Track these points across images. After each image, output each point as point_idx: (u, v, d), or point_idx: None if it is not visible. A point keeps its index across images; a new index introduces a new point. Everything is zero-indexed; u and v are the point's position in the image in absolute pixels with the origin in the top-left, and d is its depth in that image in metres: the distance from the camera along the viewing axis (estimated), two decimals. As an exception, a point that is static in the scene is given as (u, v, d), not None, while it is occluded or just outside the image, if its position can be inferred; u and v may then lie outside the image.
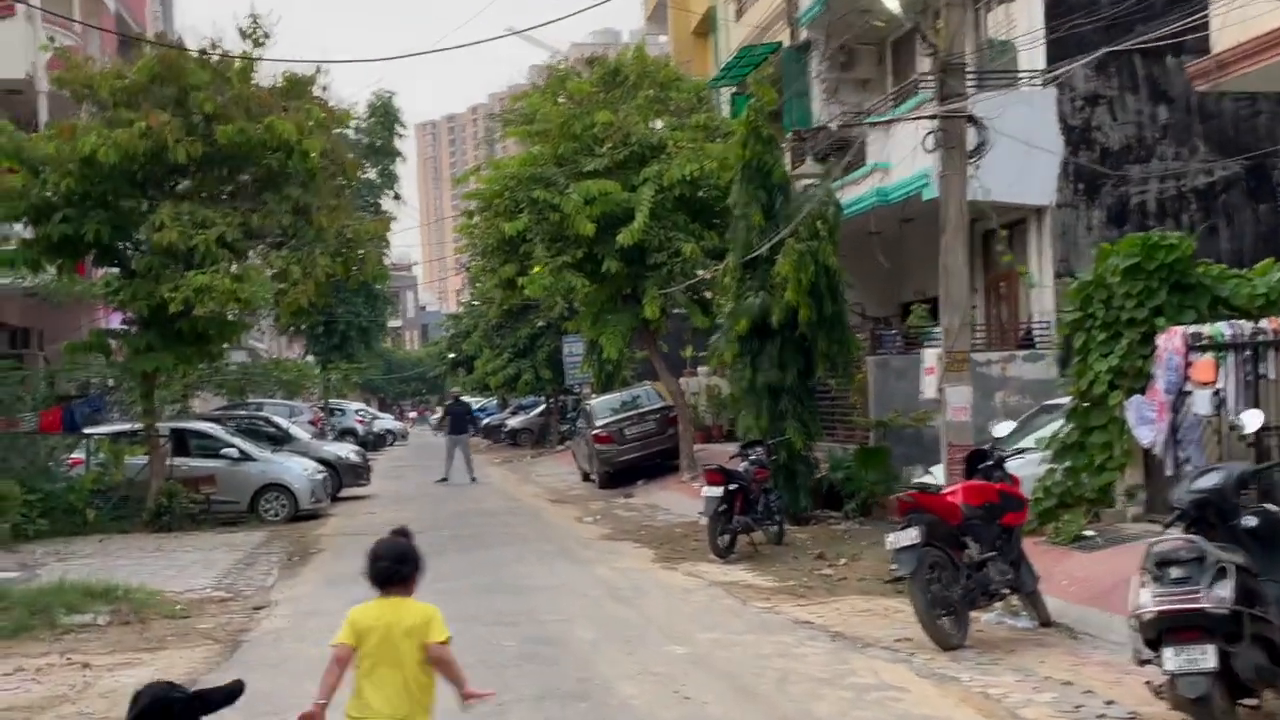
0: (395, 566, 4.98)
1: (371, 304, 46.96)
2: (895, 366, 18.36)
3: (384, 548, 5.06)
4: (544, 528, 18.77)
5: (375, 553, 5.04)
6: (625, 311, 22.76)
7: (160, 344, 17.82)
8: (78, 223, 17.12)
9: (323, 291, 18.31)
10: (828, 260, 15.90)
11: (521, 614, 11.12)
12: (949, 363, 12.78)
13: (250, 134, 16.88)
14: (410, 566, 5.00)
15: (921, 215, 19.91)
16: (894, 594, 11.75)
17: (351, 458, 25.37)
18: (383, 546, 5.07)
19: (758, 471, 15.50)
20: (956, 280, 12.81)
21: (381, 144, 45.28)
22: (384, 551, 5.03)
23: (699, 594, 12.11)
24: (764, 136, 16.81)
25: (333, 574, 14.44)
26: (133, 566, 14.54)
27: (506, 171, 21.96)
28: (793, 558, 14.46)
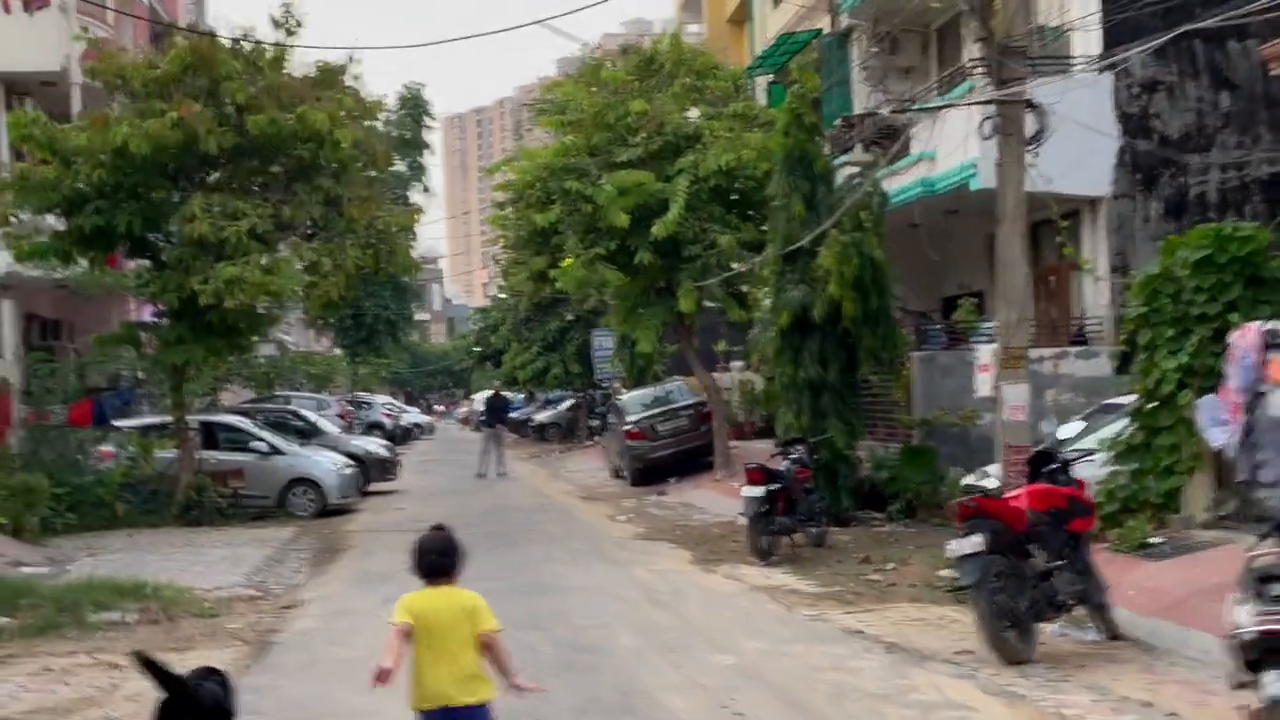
0: (440, 559, 5.30)
1: (399, 297, 46.81)
2: (941, 363, 17.85)
3: (428, 542, 5.36)
4: (576, 526, 18.36)
5: (420, 547, 5.35)
6: (659, 305, 22.30)
7: (190, 336, 17.52)
8: (109, 214, 16.84)
9: (353, 284, 17.96)
10: (873, 252, 15.42)
11: (557, 617, 10.71)
12: (1005, 359, 12.26)
13: (281, 124, 16.54)
14: (453, 558, 5.33)
15: (967, 207, 19.40)
16: (947, 601, 11.29)
17: (380, 452, 25.05)
18: (427, 541, 5.37)
19: (799, 471, 15.02)
20: (1013, 273, 12.29)
21: (411, 136, 45.10)
22: (429, 545, 5.34)
23: (741, 599, 11.67)
24: (806, 124, 16.34)
25: (362, 571, 14.09)
26: (161, 562, 14.23)
27: (539, 162, 21.54)
28: (836, 561, 13.98)
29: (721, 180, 20.96)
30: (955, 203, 19.17)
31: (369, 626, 10.51)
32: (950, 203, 19.13)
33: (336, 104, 17.02)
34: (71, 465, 17.41)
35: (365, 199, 17.59)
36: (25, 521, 15.11)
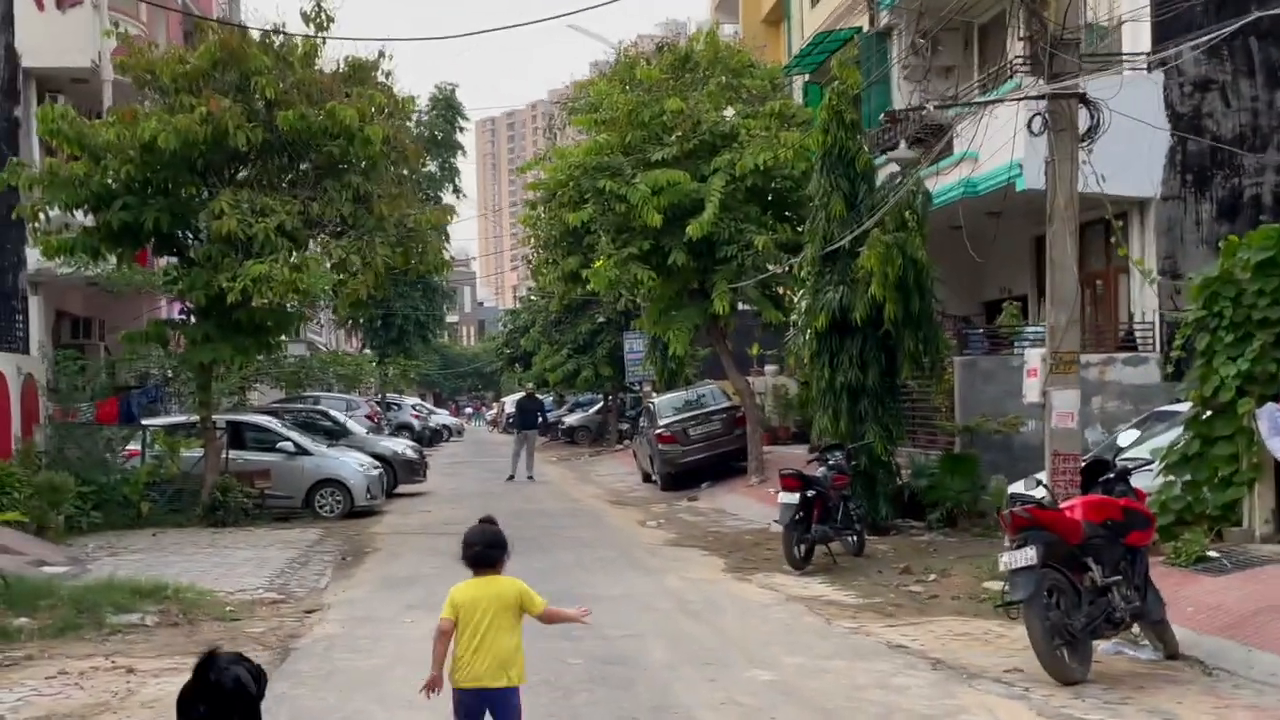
0: (487, 551, 5.61)
1: (429, 298, 46.62)
2: (983, 368, 17.38)
3: (476, 534, 5.67)
4: (606, 531, 17.99)
5: (469, 539, 5.65)
6: (692, 306, 21.93)
7: (218, 335, 17.28)
8: (137, 210, 16.63)
9: (382, 283, 17.67)
10: (916, 253, 14.99)
11: (587, 628, 10.27)
12: (1055, 364, 11.78)
13: (311, 120, 16.27)
14: (500, 550, 5.64)
15: (1010, 208, 18.91)
16: (992, 615, 10.84)
17: (408, 454, 24.77)
18: (475, 534, 5.68)
19: (836, 477, 14.61)
20: (1064, 274, 11.80)
21: (443, 137, 44.92)
22: (477, 538, 5.64)
23: (777, 610, 11.25)
24: (847, 122, 15.91)
25: (387, 575, 13.78)
26: (184, 563, 13.97)
27: (571, 160, 21.21)
28: (876, 571, 13.54)
29: (758, 180, 20.57)
30: (998, 204, 18.68)
31: (391, 634, 10.18)
32: (993, 204, 18.66)
33: (367, 100, 16.73)
34: (98, 463, 17.20)
35: (395, 196, 17.29)
36: (50, 520, 14.90)
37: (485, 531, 5.68)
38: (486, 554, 5.59)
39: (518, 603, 5.54)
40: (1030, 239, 21.54)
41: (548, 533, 17.57)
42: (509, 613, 5.50)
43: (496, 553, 5.61)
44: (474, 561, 5.62)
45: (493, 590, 5.52)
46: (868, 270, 15.06)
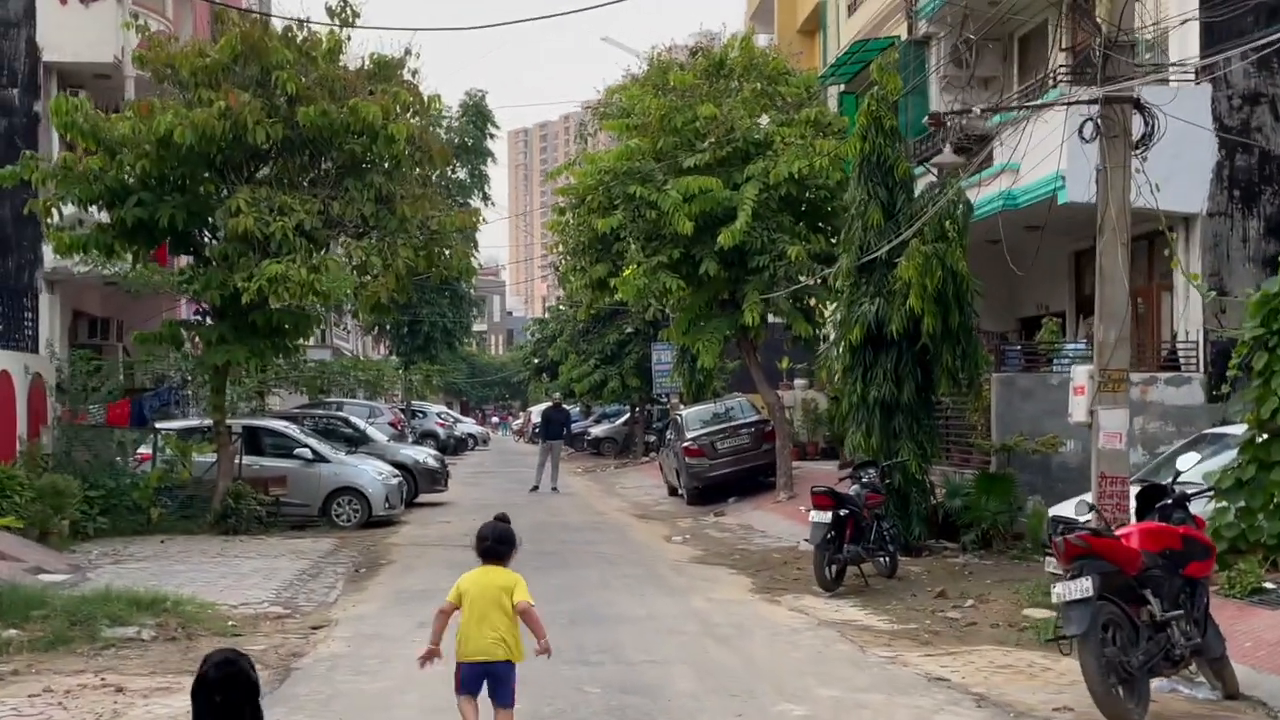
0: (496, 545, 6.35)
1: (457, 306, 46.23)
2: (1021, 385, 16.73)
3: (490, 530, 6.39)
4: (630, 547, 17.42)
5: (483, 534, 6.38)
6: (722, 317, 21.35)
7: (233, 336, 16.84)
8: (153, 207, 16.23)
9: (404, 286, 17.19)
10: (956, 265, 14.39)
11: (607, 651, 9.77)
12: (1103, 382, 11.17)
13: (333, 116, 15.83)
14: (508, 547, 6.39)
15: (1051, 222, 18.27)
16: (1035, 645, 10.23)
17: (429, 462, 24.29)
18: (489, 529, 6.40)
19: (870, 496, 14.02)
20: (1114, 288, 11.20)
21: (473, 144, 44.57)
22: (489, 534, 6.37)
23: (808, 636, 10.65)
24: (886, 128, 15.33)
25: (400, 589, 13.26)
26: (189, 573, 13.50)
27: (602, 165, 20.70)
28: (910, 595, 12.92)
29: (792, 189, 20.00)
30: (1038, 218, 18.07)
31: (400, 654, 9.64)
32: (1032, 217, 18.02)
33: (392, 98, 16.27)
34: (106, 467, 16.76)
35: (419, 197, 16.81)
36: (53, 525, 14.46)
37: (498, 528, 6.46)
38: (496, 548, 6.38)
39: (511, 591, 6.27)
40: (1069, 254, 20.92)
41: (570, 547, 17.02)
42: (509, 598, 6.25)
43: (505, 548, 6.40)
44: (485, 554, 6.40)
45: (497, 580, 6.30)
46: (905, 282, 14.47)
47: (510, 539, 6.41)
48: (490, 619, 6.18)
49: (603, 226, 20.25)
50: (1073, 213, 17.07)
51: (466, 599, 6.24)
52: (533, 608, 6.33)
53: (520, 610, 6.24)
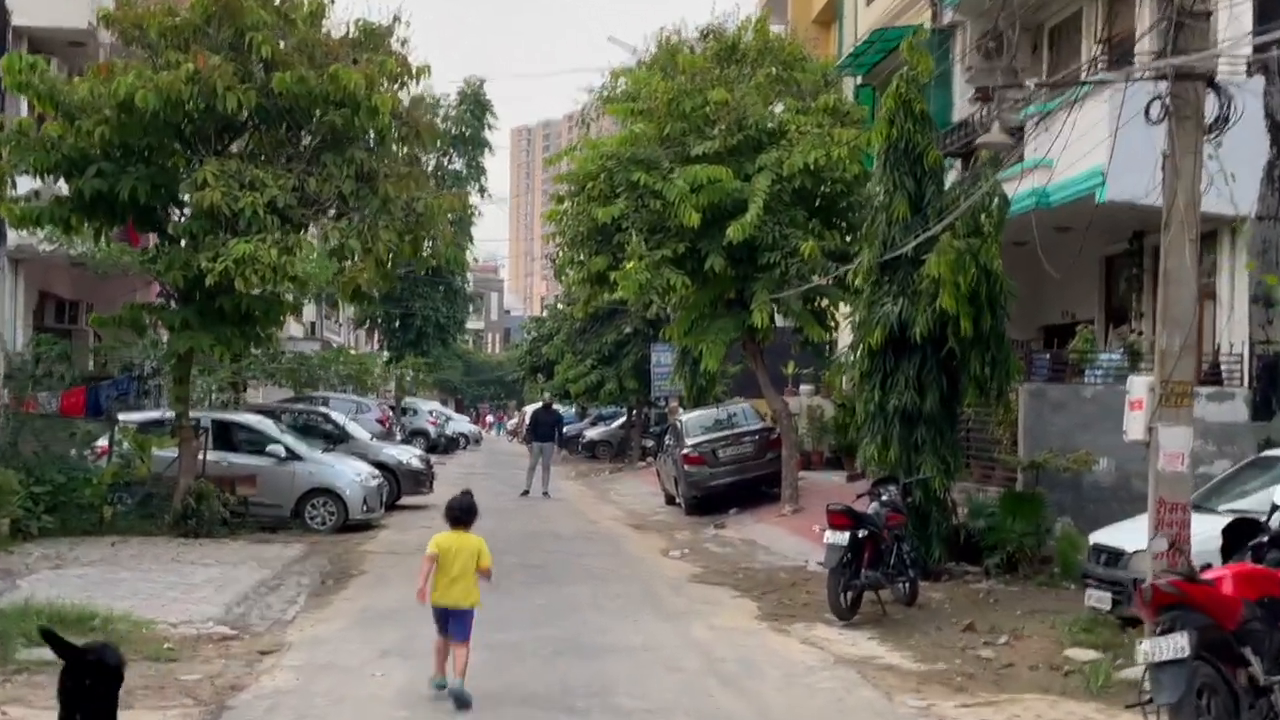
0: (463, 515, 8.44)
1: (451, 300, 44.96)
2: (1052, 398, 15.44)
3: (457, 503, 8.51)
4: (624, 561, 16.09)
5: (451, 505, 8.54)
6: (728, 318, 20.01)
7: (198, 322, 15.48)
8: (113, 179, 14.88)
9: (386, 273, 15.84)
10: (991, 263, 13.08)
11: (596, 693, 8.45)
12: (1165, 395, 9.85)
13: (311, 84, 14.49)
14: (471, 515, 8.48)
15: (1082, 223, 17.05)
16: (1082, 693, 8.94)
17: (413, 463, 22.92)
18: (457, 502, 8.53)
19: (890, 515, 12.71)
20: (1180, 290, 9.88)
21: (470, 134, 43.31)
22: (457, 505, 8.50)
23: (825, 675, 9.33)
24: (916, 112, 14.01)
25: (367, 606, 11.94)
26: (134, 581, 12.16)
27: (604, 150, 19.35)
28: (934, 627, 11.61)
29: (807, 181, 18.67)
30: (1071, 218, 16.82)
31: (354, 691, 8.33)
32: (1064, 218, 16.77)
33: (376, 66, 14.92)
34: (56, 460, 15.37)
35: (404, 176, 15.45)
36: (-12, 523, 13.11)
37: (464, 502, 8.52)
38: (462, 517, 8.43)
39: (477, 554, 8.27)
40: (1099, 258, 19.64)
41: (559, 560, 15.71)
42: (473, 559, 8.23)
43: (469, 516, 8.45)
44: (453, 522, 8.43)
45: (464, 543, 8.27)
46: (933, 280, 13.16)
47: (473, 509, 8.55)
48: (461, 579, 8.22)
49: (603, 216, 18.91)
50: (1110, 213, 15.84)
51: (444, 556, 8.23)
52: (489, 572, 8.38)
53: (483, 572, 8.30)
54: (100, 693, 5.97)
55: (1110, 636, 10.65)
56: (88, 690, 5.96)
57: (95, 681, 5.96)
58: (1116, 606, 10.91)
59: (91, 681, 5.96)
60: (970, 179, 13.85)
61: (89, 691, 5.96)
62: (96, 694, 5.97)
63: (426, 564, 8.21)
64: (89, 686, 5.96)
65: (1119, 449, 15.41)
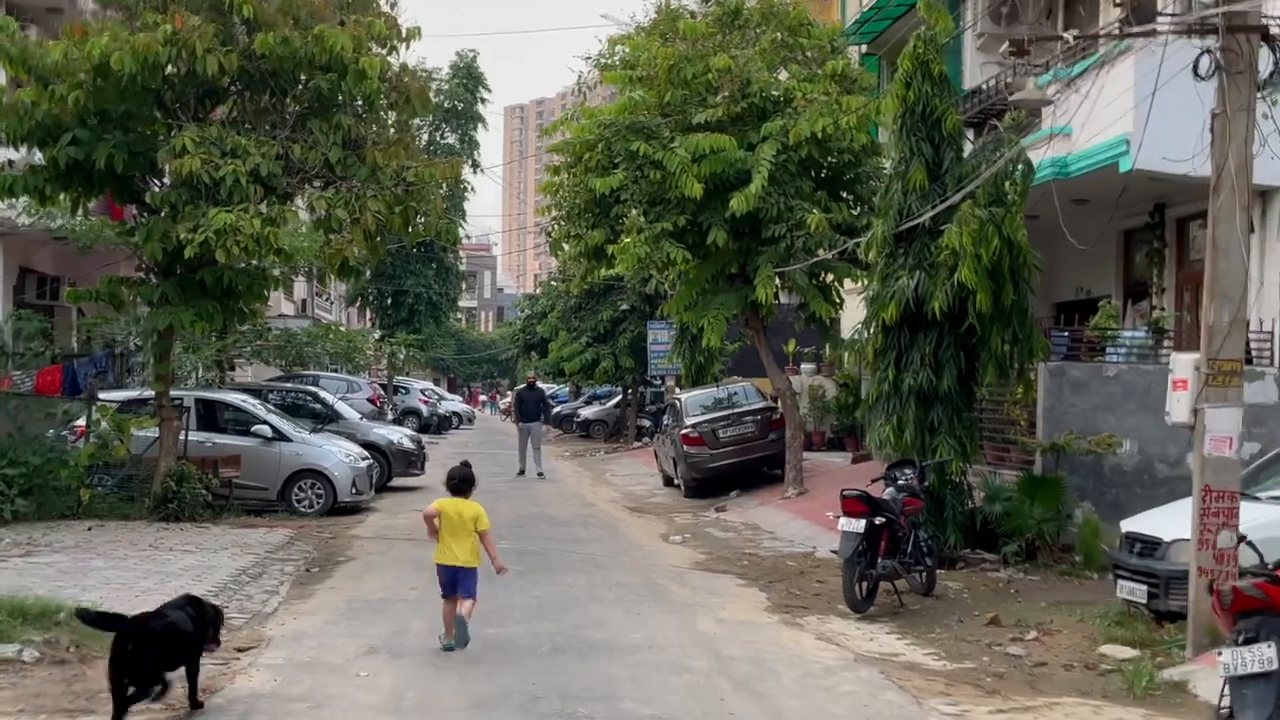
0: (462, 484, 9.13)
1: (444, 277, 44.22)
2: (1073, 377, 14.75)
3: (457, 473, 9.20)
4: (623, 547, 15.41)
5: (451, 475, 9.20)
6: (730, 293, 19.31)
7: (178, 297, 14.72)
8: (89, 146, 14.10)
9: (375, 246, 15.09)
10: (1015, 234, 12.37)
11: (598, 697, 7.76)
12: (1212, 375, 9.18)
13: (295, 46, 13.70)
14: (469, 485, 9.17)
15: (1100, 195, 16.38)
16: (1124, 696, 8.29)
17: (404, 443, 22.24)
18: (457, 472, 9.21)
19: (907, 501, 12.05)
20: (1230, 260, 9.19)
21: (464, 107, 42.46)
22: (456, 475, 9.18)
23: (846, 678, 8.65)
24: (934, 74, 13.28)
25: (353, 596, 11.24)
26: (108, 570, 11.45)
27: (601, 119, 18.58)
28: (955, 620, 10.97)
29: (814, 150, 17.96)
30: (1089, 190, 16.12)
31: (336, 693, 7.64)
32: (1082, 189, 16.10)
33: (364, 28, 14.12)
34: (31, 441, 14.63)
35: (393, 143, 14.66)
36: (-43, 508, 12.38)
37: (463, 472, 9.14)
38: (461, 486, 9.07)
39: (475, 518, 8.97)
40: (1117, 233, 18.96)
41: (555, 546, 15.02)
42: (472, 523, 8.93)
43: (467, 486, 9.11)
44: (453, 490, 9.09)
45: (464, 509, 8.96)
46: (952, 252, 12.48)
47: (471, 479, 9.19)
48: (461, 539, 8.91)
49: (601, 187, 18.16)
50: (1131, 184, 15.16)
51: (445, 519, 8.94)
52: (489, 535, 9.06)
53: (481, 534, 8.97)
54: (146, 657, 6.66)
55: (1146, 632, 10.02)
56: (132, 656, 6.61)
57: (139, 647, 6.65)
58: (1153, 600, 10.27)
59: (134, 647, 6.63)
60: (992, 145, 13.10)
61: (133, 657, 6.61)
62: (141, 659, 6.64)
63: (429, 522, 8.98)
64: (132, 652, 6.61)
65: (1142, 431, 14.78)
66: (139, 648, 6.65)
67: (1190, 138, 11.80)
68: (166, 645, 6.84)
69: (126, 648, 6.64)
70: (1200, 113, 10.72)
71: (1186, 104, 11.20)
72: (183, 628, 6.98)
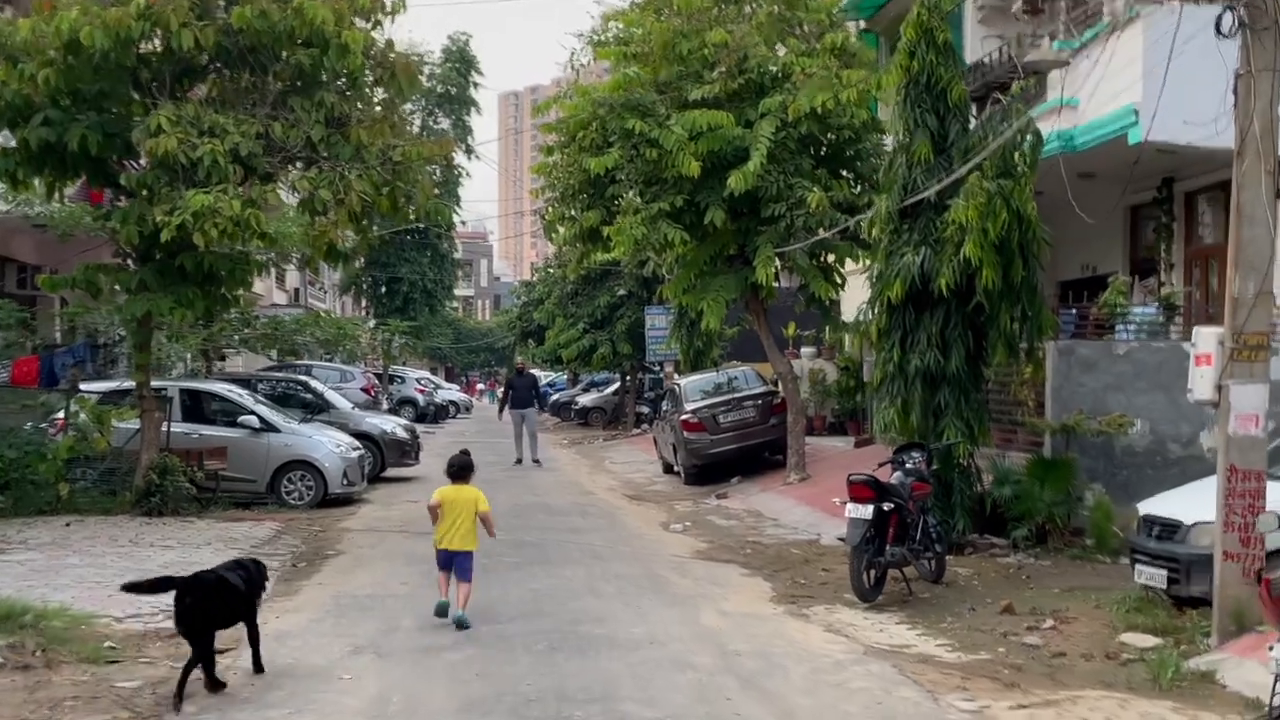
0: (461, 470, 9.64)
1: (439, 265, 43.73)
2: (1082, 356, 14.30)
3: (456, 460, 9.73)
4: (623, 537, 14.96)
5: (451, 462, 9.73)
6: (730, 275, 18.82)
7: (156, 283, 14.22)
8: (62, 127, 13.60)
9: (362, 228, 14.59)
10: (1024, 207, 11.89)
11: (597, 698, 7.31)
12: (1237, 349, 8.73)
13: (274, 19, 13.18)
14: (469, 471, 9.69)
15: (1107, 169, 15.91)
16: (1151, 688, 7.86)
17: (398, 433, 21.77)
18: (456, 459, 9.72)
19: (915, 485, 11.60)
20: (1255, 228, 8.72)
21: (457, 92, 41.89)
22: (455, 462, 9.70)
23: (858, 673, 8.20)
24: (939, 43, 12.79)
25: (341, 593, 10.79)
26: (83, 568, 10.99)
27: (595, 97, 18.06)
28: (966, 608, 10.53)
29: (813, 126, 17.44)
30: (1093, 164, 15.64)
31: (317, 698, 7.19)
32: (1087, 163, 15.62)
33: (347, 1, 13.60)
34: (7, 435, 14.14)
35: (379, 121, 14.15)
36: (-72, 504, 11.92)
37: (462, 460, 9.70)
38: (461, 472, 9.63)
39: (476, 502, 9.46)
40: (1124, 209, 18.49)
41: (553, 537, 14.58)
42: (473, 507, 9.44)
43: (467, 472, 9.65)
44: (453, 477, 9.65)
45: (464, 494, 9.49)
46: (959, 226, 11.99)
47: (470, 465, 9.71)
48: (460, 524, 9.36)
49: (596, 167, 17.64)
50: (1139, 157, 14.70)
51: (446, 505, 9.39)
52: (489, 514, 9.52)
53: (482, 517, 9.43)
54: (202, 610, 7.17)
55: (1167, 619, 9.58)
56: (190, 609, 7.15)
57: (195, 600, 7.17)
58: (1173, 585, 9.83)
59: (191, 600, 7.17)
60: (999, 115, 12.61)
61: (191, 610, 7.15)
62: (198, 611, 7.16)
63: (433, 513, 9.47)
64: (190, 605, 7.15)
65: (1153, 410, 14.33)
66: (195, 600, 7.15)
67: (1201, 107, 11.36)
68: (221, 597, 7.34)
69: (185, 601, 7.16)
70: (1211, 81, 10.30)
71: (1196, 73, 10.76)
72: (234, 583, 7.52)
